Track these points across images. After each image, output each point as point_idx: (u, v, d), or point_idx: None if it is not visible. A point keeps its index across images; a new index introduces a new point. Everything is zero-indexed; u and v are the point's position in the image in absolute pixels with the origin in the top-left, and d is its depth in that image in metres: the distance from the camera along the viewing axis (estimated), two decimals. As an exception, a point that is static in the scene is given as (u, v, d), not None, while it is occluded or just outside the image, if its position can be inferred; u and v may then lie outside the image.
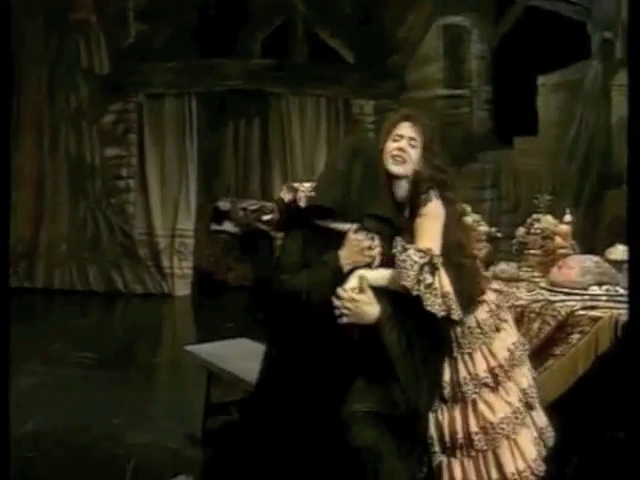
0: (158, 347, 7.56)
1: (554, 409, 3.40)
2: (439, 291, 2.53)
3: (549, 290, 3.67)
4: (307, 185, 2.84)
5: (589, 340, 3.19)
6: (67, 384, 5.45)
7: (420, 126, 2.96)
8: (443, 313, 2.54)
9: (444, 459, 2.64)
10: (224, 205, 10.92)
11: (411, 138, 2.92)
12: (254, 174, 11.54)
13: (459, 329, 2.73)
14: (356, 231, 2.65)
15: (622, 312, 3.25)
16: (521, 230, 4.09)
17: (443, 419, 2.64)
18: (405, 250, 2.56)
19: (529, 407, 2.82)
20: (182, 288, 9.99)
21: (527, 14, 9.99)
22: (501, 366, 2.75)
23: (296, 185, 2.84)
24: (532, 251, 3.96)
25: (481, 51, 10.51)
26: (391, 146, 2.92)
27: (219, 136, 11.11)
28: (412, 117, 3.00)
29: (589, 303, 3.40)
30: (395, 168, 2.86)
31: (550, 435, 2.90)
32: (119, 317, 9.27)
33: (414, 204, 2.82)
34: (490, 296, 2.88)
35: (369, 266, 2.63)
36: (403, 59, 10.46)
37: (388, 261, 2.62)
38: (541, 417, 2.90)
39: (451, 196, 2.88)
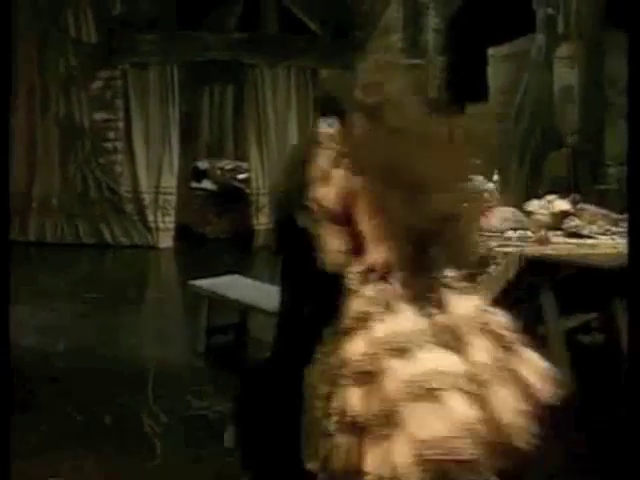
0: (153, 288, 8.61)
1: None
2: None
3: (476, 234, 4.76)
4: None
5: (501, 269, 4.27)
6: (82, 316, 6.42)
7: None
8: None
9: None
10: (202, 165, 11.85)
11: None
12: (228, 137, 12.46)
13: None
14: None
15: (527, 249, 4.35)
16: (457, 187, 5.15)
17: None
18: None
19: None
20: (165, 240, 10.85)
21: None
22: None
23: None
24: (465, 204, 5.03)
25: (437, 24, 11.38)
26: None
27: (196, 102, 11.97)
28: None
29: (504, 242, 4.50)
30: None
31: None
32: (110, 266, 10.21)
33: None
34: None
35: None
36: (366, 30, 11.30)
37: None
38: None
39: None
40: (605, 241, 4.56)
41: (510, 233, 4.65)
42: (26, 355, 4.97)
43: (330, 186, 2.91)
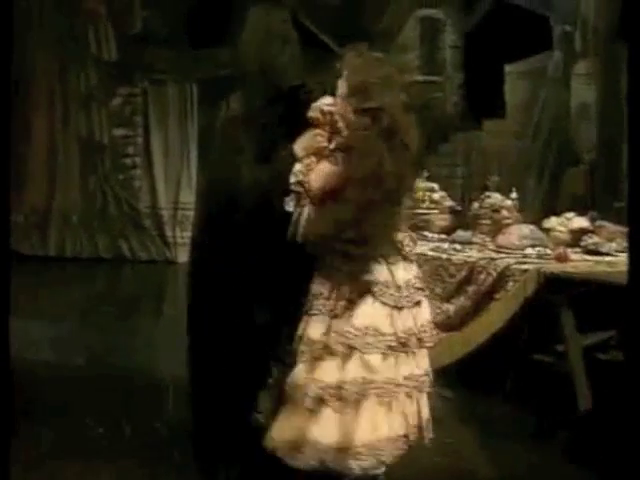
0: (171, 302, 8.65)
1: (494, 342, 4.50)
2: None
3: (495, 251, 4.78)
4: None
5: (520, 286, 4.29)
6: (98, 328, 6.48)
7: None
8: None
9: None
10: (220, 181, 11.87)
11: None
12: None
13: None
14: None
15: (545, 266, 4.36)
16: (475, 205, 5.18)
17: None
18: None
19: None
20: (184, 255, 10.89)
21: (495, 8, 10.72)
22: None
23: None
24: (483, 221, 5.07)
25: (454, 41, 11.43)
26: None
27: (215, 117, 12.03)
28: None
29: (522, 260, 4.52)
30: None
31: None
32: (129, 280, 10.29)
33: None
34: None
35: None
36: (383, 48, 11.38)
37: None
38: None
39: None
40: (623, 258, 4.56)
41: (528, 250, 4.67)
42: (40, 367, 5.02)
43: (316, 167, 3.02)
